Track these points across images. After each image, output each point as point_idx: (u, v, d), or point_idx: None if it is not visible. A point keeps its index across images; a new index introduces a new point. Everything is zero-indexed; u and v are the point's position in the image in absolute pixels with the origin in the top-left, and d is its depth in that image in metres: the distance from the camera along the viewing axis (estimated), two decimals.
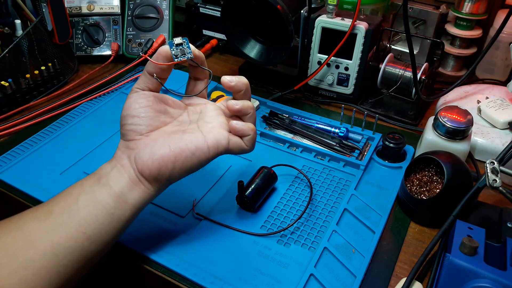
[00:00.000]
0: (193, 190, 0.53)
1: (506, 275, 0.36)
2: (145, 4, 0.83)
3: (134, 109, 0.42)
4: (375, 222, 0.50)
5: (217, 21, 0.84)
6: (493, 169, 0.42)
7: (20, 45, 0.68)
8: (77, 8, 0.81)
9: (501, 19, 0.63)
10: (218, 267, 0.44)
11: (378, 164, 0.59)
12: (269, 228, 0.49)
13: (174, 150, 0.40)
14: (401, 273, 0.45)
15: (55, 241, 0.37)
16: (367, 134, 0.62)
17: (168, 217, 0.50)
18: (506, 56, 0.72)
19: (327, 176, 0.56)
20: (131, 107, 0.42)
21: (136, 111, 0.42)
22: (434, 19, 0.74)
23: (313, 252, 0.46)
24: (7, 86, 0.66)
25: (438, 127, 0.54)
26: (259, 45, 0.70)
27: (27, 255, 0.36)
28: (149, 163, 0.40)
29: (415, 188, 0.52)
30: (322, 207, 0.52)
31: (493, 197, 0.54)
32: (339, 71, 0.69)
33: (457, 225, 0.42)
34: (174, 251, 0.46)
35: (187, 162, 0.41)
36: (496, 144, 0.59)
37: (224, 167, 0.57)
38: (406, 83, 0.67)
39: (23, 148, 0.60)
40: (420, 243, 0.49)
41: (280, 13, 0.61)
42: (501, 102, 0.63)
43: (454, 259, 0.38)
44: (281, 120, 0.65)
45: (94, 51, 0.82)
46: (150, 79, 0.43)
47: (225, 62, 0.85)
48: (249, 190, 0.49)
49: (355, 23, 0.63)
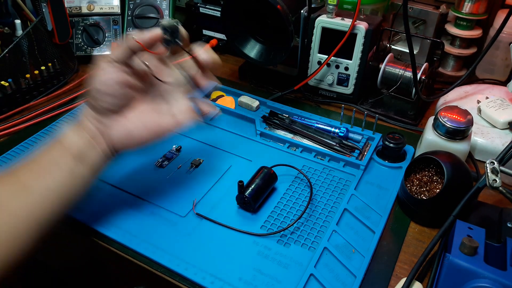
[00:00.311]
0: (193, 190, 0.53)
1: (506, 275, 0.36)
2: (145, 4, 0.83)
3: (109, 86, 0.42)
4: (375, 222, 0.50)
5: (217, 21, 0.84)
6: (493, 169, 0.42)
7: (20, 45, 0.68)
8: (77, 8, 0.81)
9: (501, 19, 0.63)
10: (218, 267, 0.44)
11: (378, 164, 0.59)
12: (269, 228, 0.49)
13: (150, 133, 0.44)
14: (401, 273, 0.45)
15: (37, 215, 0.39)
16: (367, 134, 0.62)
17: (168, 217, 0.50)
18: (506, 56, 0.72)
19: (327, 176, 0.56)
20: (106, 83, 0.42)
21: (111, 89, 0.42)
22: (434, 19, 0.74)
23: (313, 252, 0.46)
24: (7, 86, 0.66)
25: (438, 127, 0.54)
26: (259, 45, 0.70)
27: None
28: (126, 143, 0.44)
29: (415, 188, 0.52)
30: (322, 207, 0.52)
31: (493, 197, 0.54)
32: (339, 71, 0.69)
33: (457, 225, 0.42)
34: (174, 251, 0.46)
35: (157, 140, 0.45)
36: (496, 144, 0.59)
37: (224, 167, 0.57)
38: (406, 83, 0.67)
39: (23, 148, 0.60)
40: (420, 243, 0.49)
41: (280, 13, 0.61)
42: (501, 102, 0.63)
43: (454, 259, 0.38)
44: (281, 120, 0.65)
45: (94, 51, 0.82)
46: (129, 54, 0.41)
47: (225, 62, 0.85)
48: (249, 190, 0.49)
49: (355, 23, 0.63)
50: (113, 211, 0.50)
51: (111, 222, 0.49)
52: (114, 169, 0.55)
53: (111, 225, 0.48)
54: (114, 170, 0.55)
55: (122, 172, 0.55)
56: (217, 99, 0.70)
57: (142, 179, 0.55)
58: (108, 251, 0.47)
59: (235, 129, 0.63)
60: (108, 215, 0.49)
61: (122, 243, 0.46)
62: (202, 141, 0.61)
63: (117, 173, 0.55)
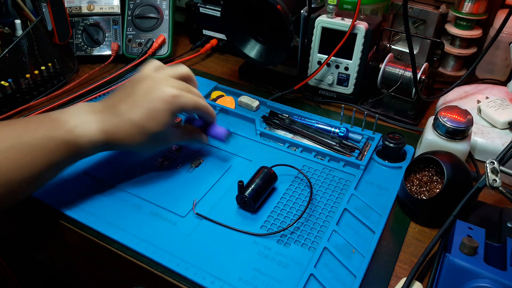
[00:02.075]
0: (193, 190, 0.53)
1: (506, 275, 0.36)
2: (145, 4, 0.83)
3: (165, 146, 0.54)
4: (375, 222, 0.50)
5: (217, 21, 0.84)
6: (493, 169, 0.42)
7: (20, 45, 0.68)
8: (77, 8, 0.81)
9: (501, 19, 0.63)
10: (218, 267, 0.44)
11: (378, 164, 0.59)
12: (269, 228, 0.49)
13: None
14: (401, 273, 0.45)
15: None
16: (367, 134, 0.62)
17: (168, 217, 0.50)
18: (506, 56, 0.72)
19: (327, 176, 0.56)
20: (168, 143, 0.53)
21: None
22: (434, 19, 0.74)
23: (313, 252, 0.46)
24: (7, 86, 0.66)
25: (438, 127, 0.54)
26: (259, 45, 0.70)
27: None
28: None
29: (415, 188, 0.52)
30: (322, 207, 0.52)
31: (493, 197, 0.54)
32: (339, 71, 0.69)
33: (457, 225, 0.42)
34: (174, 251, 0.46)
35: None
36: (496, 144, 0.59)
37: (224, 167, 0.57)
38: (406, 83, 0.67)
39: None
40: (420, 243, 0.49)
41: (280, 13, 0.61)
42: (501, 102, 0.63)
43: (454, 259, 0.38)
44: (281, 120, 0.65)
45: (94, 51, 0.82)
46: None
47: (225, 62, 0.86)
48: (249, 190, 0.49)
49: (355, 23, 0.63)
50: (113, 211, 0.50)
51: (111, 222, 0.49)
52: (114, 169, 0.56)
53: (111, 225, 0.48)
54: (114, 170, 0.55)
55: (122, 172, 0.55)
56: (217, 99, 0.70)
57: (142, 179, 0.55)
58: (108, 251, 0.47)
59: (235, 129, 0.63)
60: (108, 215, 0.49)
61: (122, 243, 0.46)
62: None
63: (117, 173, 0.55)
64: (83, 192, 0.52)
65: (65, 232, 0.51)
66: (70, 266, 0.64)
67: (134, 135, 0.48)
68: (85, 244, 0.49)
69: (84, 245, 0.50)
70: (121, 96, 0.49)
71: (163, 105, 0.47)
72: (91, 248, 0.49)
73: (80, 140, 0.46)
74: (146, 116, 0.47)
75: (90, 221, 0.49)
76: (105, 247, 0.47)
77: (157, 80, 0.49)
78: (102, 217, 0.49)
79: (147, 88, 0.48)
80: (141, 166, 0.56)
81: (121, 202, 0.51)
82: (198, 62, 0.85)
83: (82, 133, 0.46)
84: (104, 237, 0.48)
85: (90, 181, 0.54)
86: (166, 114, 0.48)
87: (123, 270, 0.50)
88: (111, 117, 0.48)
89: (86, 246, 0.50)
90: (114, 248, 0.47)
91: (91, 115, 0.47)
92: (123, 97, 0.49)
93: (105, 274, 0.56)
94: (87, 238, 0.48)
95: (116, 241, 0.47)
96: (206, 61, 0.86)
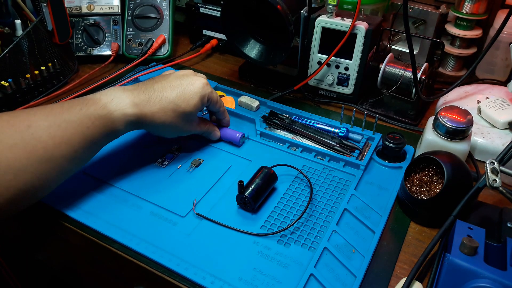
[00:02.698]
0: (193, 190, 0.53)
1: (506, 275, 0.36)
2: (145, 4, 0.83)
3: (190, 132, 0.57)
4: (375, 222, 0.50)
5: (217, 21, 0.84)
6: (493, 169, 0.42)
7: (20, 45, 0.68)
8: (77, 8, 0.81)
9: (501, 19, 0.63)
10: (218, 267, 0.44)
11: (378, 164, 0.59)
12: (269, 228, 0.49)
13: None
14: (401, 273, 0.45)
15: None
16: (367, 134, 0.62)
17: (168, 217, 0.50)
18: (506, 56, 0.72)
19: (327, 176, 0.56)
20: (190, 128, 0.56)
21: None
22: (434, 19, 0.74)
23: (313, 252, 0.46)
24: (7, 86, 0.66)
25: (438, 127, 0.54)
26: (259, 45, 0.70)
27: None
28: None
29: (415, 188, 0.52)
30: (322, 207, 0.52)
31: (493, 197, 0.54)
32: (339, 71, 0.69)
33: (457, 225, 0.42)
34: (174, 251, 0.46)
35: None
36: (496, 144, 0.59)
37: (224, 167, 0.57)
38: (406, 83, 0.67)
39: None
40: (420, 243, 0.49)
41: (280, 13, 0.61)
42: (501, 102, 0.63)
43: (454, 259, 0.38)
44: (281, 120, 0.65)
45: (94, 51, 0.82)
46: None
47: (225, 62, 0.86)
48: (249, 190, 0.49)
49: (355, 23, 0.63)
50: (113, 211, 0.50)
51: (111, 222, 0.49)
52: (114, 169, 0.56)
53: (111, 225, 0.48)
54: (114, 170, 0.55)
55: (122, 172, 0.55)
56: None
57: (142, 179, 0.55)
58: (108, 251, 0.47)
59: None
60: (108, 215, 0.49)
61: (122, 243, 0.46)
62: (202, 141, 0.61)
63: (117, 173, 0.55)
64: (83, 192, 0.52)
65: (65, 232, 0.51)
66: (70, 266, 0.64)
67: (165, 111, 0.51)
68: (85, 244, 0.49)
69: (84, 245, 0.50)
70: (154, 80, 0.54)
71: (196, 89, 0.53)
72: (91, 248, 0.49)
73: (113, 114, 0.48)
74: (179, 95, 0.52)
75: (90, 221, 0.49)
76: (105, 247, 0.47)
77: (188, 73, 0.56)
78: (102, 217, 0.49)
79: (181, 75, 0.55)
80: (141, 166, 0.56)
81: (121, 202, 0.51)
82: (198, 62, 0.85)
83: (115, 107, 0.49)
84: (104, 237, 0.48)
85: (90, 181, 0.54)
86: (197, 98, 0.53)
87: (123, 270, 0.50)
88: (144, 92, 0.51)
89: (86, 246, 0.50)
90: (114, 248, 0.47)
91: (124, 92, 0.50)
92: (157, 80, 0.54)
93: (105, 274, 0.56)
94: (87, 238, 0.48)
95: (116, 241, 0.47)
96: (206, 61, 0.86)
